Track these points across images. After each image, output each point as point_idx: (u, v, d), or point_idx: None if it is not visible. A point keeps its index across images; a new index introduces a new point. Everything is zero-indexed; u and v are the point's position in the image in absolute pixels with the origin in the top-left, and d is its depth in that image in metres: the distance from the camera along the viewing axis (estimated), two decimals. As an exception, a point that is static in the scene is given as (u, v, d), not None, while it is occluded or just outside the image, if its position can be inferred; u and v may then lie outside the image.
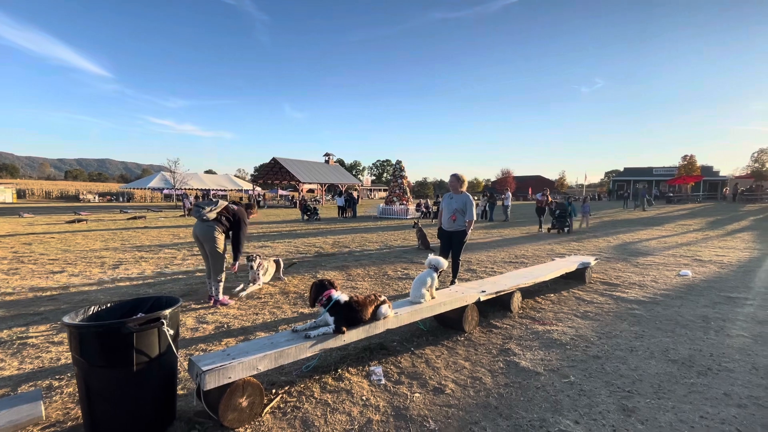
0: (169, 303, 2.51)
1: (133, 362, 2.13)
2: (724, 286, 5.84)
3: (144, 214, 22.47)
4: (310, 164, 43.36)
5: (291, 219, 20.26)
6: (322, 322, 2.91)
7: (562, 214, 12.93)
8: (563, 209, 12.97)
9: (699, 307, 4.81)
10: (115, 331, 2.09)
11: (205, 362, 2.33)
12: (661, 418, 2.47)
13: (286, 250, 9.45)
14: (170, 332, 2.29)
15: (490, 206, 19.58)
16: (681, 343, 3.66)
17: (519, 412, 2.54)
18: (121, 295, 5.34)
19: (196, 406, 2.54)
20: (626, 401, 2.66)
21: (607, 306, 4.84)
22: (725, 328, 4.07)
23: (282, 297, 5.22)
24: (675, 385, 2.88)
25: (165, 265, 7.46)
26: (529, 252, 9.22)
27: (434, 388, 2.85)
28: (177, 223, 17.51)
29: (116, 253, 8.83)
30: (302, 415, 2.51)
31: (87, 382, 2.16)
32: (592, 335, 3.87)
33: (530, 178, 74.99)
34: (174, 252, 9.00)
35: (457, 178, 5.53)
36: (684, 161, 45.60)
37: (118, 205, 37.79)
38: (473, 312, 4.02)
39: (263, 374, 2.88)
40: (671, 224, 15.75)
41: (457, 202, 5.48)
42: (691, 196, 38.56)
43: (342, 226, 15.97)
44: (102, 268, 7.05)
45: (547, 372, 3.09)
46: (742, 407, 2.59)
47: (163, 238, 11.84)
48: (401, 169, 23.36)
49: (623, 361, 3.29)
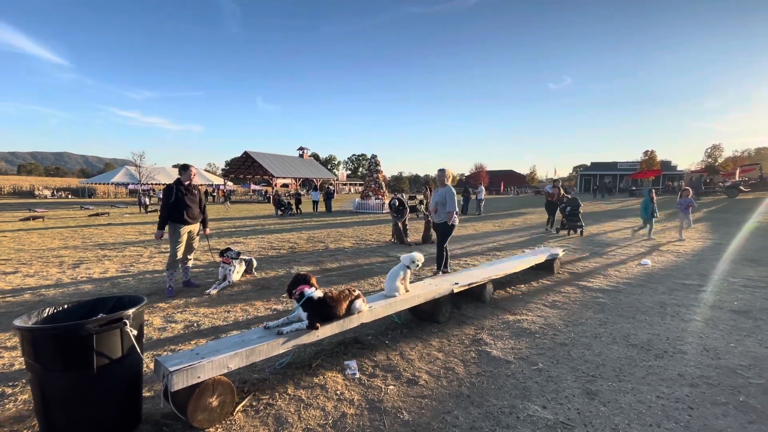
0: (133, 302, 2.40)
1: (93, 365, 2.03)
2: (680, 273, 6.21)
3: (107, 211, 21.40)
4: (283, 158, 42.55)
5: (264, 214, 19.86)
6: (295, 318, 2.87)
7: (574, 212, 10.67)
8: (575, 206, 10.68)
9: (657, 294, 5.09)
10: (72, 333, 1.99)
11: (173, 362, 2.25)
12: (622, 399, 2.60)
13: (259, 246, 9.26)
14: (134, 333, 2.20)
15: (464, 200, 19.93)
16: (641, 329, 3.87)
17: (490, 399, 2.61)
18: (82, 296, 5.07)
19: (164, 408, 2.45)
20: (590, 385, 2.79)
21: (574, 295, 5.04)
22: (680, 313, 4.33)
23: (255, 294, 5.12)
24: (635, 368, 3.04)
25: (130, 263, 7.14)
26: (501, 245, 9.45)
27: (408, 380, 2.89)
28: (143, 219, 16.79)
29: (76, 251, 8.37)
30: (275, 412, 2.48)
31: (43, 388, 2.04)
32: (560, 323, 4.02)
33: (503, 172, 76.83)
34: (140, 249, 8.64)
35: (442, 173, 5.90)
36: (645, 156, 48.03)
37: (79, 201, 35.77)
38: (447, 304, 4.08)
39: (235, 372, 2.82)
40: (634, 216, 16.56)
41: (439, 195, 5.81)
42: (652, 189, 40.65)
43: (317, 221, 15.81)
44: (60, 268, 6.67)
45: (517, 360, 3.19)
46: (694, 386, 2.77)
47: (128, 235, 11.33)
48: (377, 163, 23.33)
49: (588, 347, 3.45)
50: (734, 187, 23.31)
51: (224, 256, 5.41)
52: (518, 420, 2.38)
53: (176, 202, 4.96)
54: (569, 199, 11.12)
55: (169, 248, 5.10)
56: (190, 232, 5.17)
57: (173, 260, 5.04)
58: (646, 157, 48.05)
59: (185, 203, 4.99)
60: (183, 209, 4.98)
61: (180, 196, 4.99)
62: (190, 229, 5.14)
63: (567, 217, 10.82)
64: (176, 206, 4.96)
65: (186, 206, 5.00)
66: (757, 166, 31.34)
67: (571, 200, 10.95)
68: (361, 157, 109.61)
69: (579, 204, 10.70)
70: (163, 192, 5.24)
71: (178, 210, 4.96)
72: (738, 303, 4.65)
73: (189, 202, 5.03)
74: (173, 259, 5.04)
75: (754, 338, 3.60)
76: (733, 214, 16.01)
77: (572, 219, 10.72)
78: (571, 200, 10.95)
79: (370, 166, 23.79)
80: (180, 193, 5.00)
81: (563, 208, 11.02)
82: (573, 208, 10.70)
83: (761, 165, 30.92)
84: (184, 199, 5.00)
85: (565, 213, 10.88)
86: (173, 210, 4.96)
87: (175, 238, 5.00)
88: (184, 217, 4.99)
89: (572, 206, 10.73)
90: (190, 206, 5.05)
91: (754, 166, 32.49)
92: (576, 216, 10.64)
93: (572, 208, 10.71)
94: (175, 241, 5.01)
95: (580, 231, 10.71)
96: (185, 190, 5.06)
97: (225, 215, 19.15)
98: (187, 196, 5.04)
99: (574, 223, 10.74)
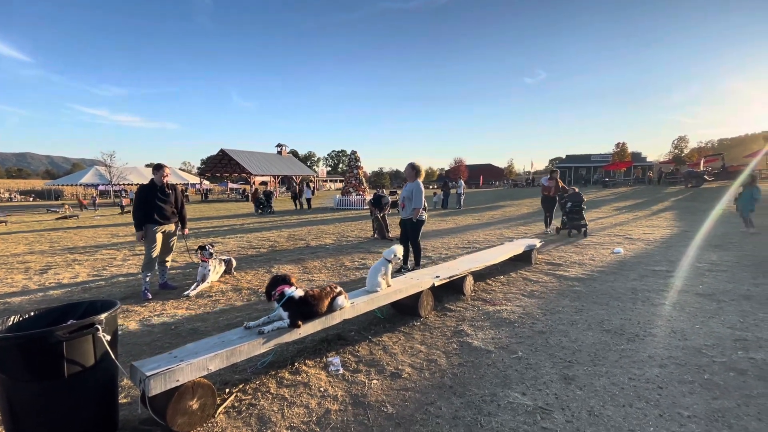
0: (105, 307, 2.32)
1: (64, 373, 1.96)
2: (650, 260, 6.48)
3: (76, 213, 20.52)
4: (261, 156, 41.81)
5: (243, 213, 19.49)
6: (276, 317, 2.84)
7: (575, 208, 9.22)
8: (577, 202, 9.25)
9: (629, 280, 5.30)
10: (40, 341, 1.90)
11: (149, 366, 2.19)
12: (597, 383, 2.71)
13: (238, 245, 9.09)
14: (107, 338, 2.12)
15: (444, 195, 20.12)
16: (614, 314, 4.02)
17: (471, 389, 2.67)
18: (50, 302, 4.86)
19: (142, 413, 2.39)
20: (567, 370, 2.88)
21: (551, 284, 5.19)
22: (651, 298, 4.53)
23: (234, 294, 5.04)
24: (608, 353, 3.16)
25: (103, 267, 6.88)
26: (481, 237, 9.61)
27: (391, 374, 2.91)
28: (115, 221, 16.19)
29: (44, 256, 8.00)
30: (258, 412, 2.46)
31: (10, 399, 1.95)
32: (538, 312, 4.14)
33: (481, 166, 77.82)
34: (113, 252, 8.33)
35: (412, 167, 5.63)
36: (617, 148, 49.66)
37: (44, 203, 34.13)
38: (428, 297, 4.13)
39: (215, 374, 2.77)
40: (606, 207, 17.15)
41: (406, 190, 5.63)
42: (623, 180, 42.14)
43: (297, 219, 15.64)
44: (27, 274, 6.37)
45: (497, 349, 3.27)
46: (663, 367, 2.90)
47: (99, 238, 10.90)
48: (357, 159, 23.23)
49: (565, 334, 3.56)
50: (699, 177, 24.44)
51: (201, 253, 5.29)
52: (499, 408, 2.44)
53: (147, 201, 4.84)
54: (570, 193, 9.54)
55: (144, 249, 4.95)
56: (165, 233, 5.03)
57: (148, 262, 4.90)
58: (618, 149, 49.70)
59: (155, 203, 4.87)
60: (154, 209, 4.86)
61: (151, 196, 4.87)
62: (164, 230, 5.01)
63: (568, 214, 9.34)
64: (148, 206, 4.84)
65: (157, 206, 4.87)
66: (720, 156, 32.94)
67: (573, 195, 9.40)
68: (341, 153, 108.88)
69: (582, 199, 9.26)
70: (135, 193, 5.15)
71: (150, 210, 4.85)
72: (703, 287, 4.90)
73: (160, 202, 4.90)
74: (148, 261, 4.90)
75: (718, 319, 3.81)
76: (698, 203, 16.79)
77: (574, 217, 9.23)
78: (573, 195, 9.40)
79: (350, 162, 23.68)
80: (151, 193, 4.88)
81: (563, 203, 9.48)
82: (575, 204, 9.23)
83: (723, 155, 32.53)
84: (155, 200, 4.87)
85: (565, 210, 9.40)
86: (145, 210, 4.83)
87: (149, 238, 4.87)
88: (155, 217, 4.87)
89: (574, 202, 9.26)
90: (162, 206, 4.92)
91: (717, 157, 34.15)
92: (579, 213, 9.19)
93: (574, 203, 9.24)
94: (149, 242, 4.87)
95: (583, 231, 9.22)
96: (157, 189, 4.94)
97: (202, 215, 18.68)
98: (159, 195, 4.91)
99: (576, 221, 9.20)
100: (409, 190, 5.55)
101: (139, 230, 4.86)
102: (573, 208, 9.26)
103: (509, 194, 29.39)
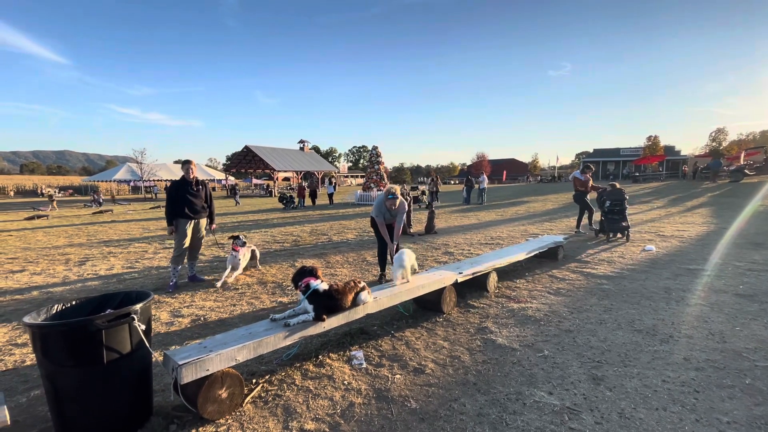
0: (140, 297, 2.42)
1: (103, 360, 2.06)
2: (685, 259, 6.19)
3: (111, 208, 21.49)
4: (284, 152, 42.43)
5: (267, 208, 19.88)
6: (301, 309, 2.89)
7: (615, 208, 7.74)
8: (617, 200, 7.76)
9: (662, 279, 5.08)
10: (81, 329, 2.01)
11: (181, 356, 2.28)
12: (628, 384, 2.62)
13: (263, 239, 9.29)
14: (142, 327, 2.22)
15: (467, 190, 19.85)
16: (645, 314, 3.87)
17: (496, 387, 2.63)
18: (89, 292, 5.12)
19: (174, 400, 2.49)
20: (596, 371, 2.80)
21: (578, 282, 5.04)
22: (685, 298, 4.33)
23: (260, 287, 5.15)
24: (640, 353, 3.05)
25: (136, 259, 7.19)
26: (504, 233, 9.44)
27: (414, 369, 2.91)
28: (146, 216, 16.86)
29: (82, 249, 8.43)
30: (284, 402, 2.51)
31: (54, 384, 2.07)
32: (565, 310, 4.03)
33: (505, 161, 76.34)
34: (145, 246, 8.68)
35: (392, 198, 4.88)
36: (649, 141, 47.57)
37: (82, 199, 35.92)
38: (451, 293, 4.09)
39: (243, 365, 2.85)
40: (637, 202, 16.47)
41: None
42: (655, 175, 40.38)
43: (319, 214, 15.82)
44: (67, 266, 6.73)
45: (522, 347, 3.21)
46: (700, 370, 2.77)
47: (132, 231, 11.38)
48: (378, 155, 23.23)
49: (593, 333, 3.45)
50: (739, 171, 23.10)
51: (235, 243, 5.47)
52: (524, 406, 2.40)
53: (179, 197, 5.03)
54: (609, 190, 8.07)
55: (174, 243, 5.14)
56: (195, 227, 5.20)
57: (178, 255, 5.09)
58: (649, 142, 47.62)
59: (187, 198, 5.05)
60: (185, 204, 5.04)
61: (182, 191, 5.05)
62: (194, 224, 5.17)
63: (606, 215, 7.82)
64: (179, 201, 5.03)
65: (188, 201, 5.05)
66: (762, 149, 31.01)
67: (612, 191, 7.95)
68: (362, 148, 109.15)
69: (624, 197, 7.78)
70: (166, 189, 5.37)
71: (181, 205, 5.03)
72: (743, 287, 4.64)
73: (191, 197, 5.08)
74: (178, 254, 5.09)
75: (760, 321, 3.60)
76: (737, 198, 15.88)
77: (614, 218, 7.70)
78: (612, 191, 7.95)
79: (371, 157, 23.70)
80: (182, 189, 5.06)
81: (602, 202, 8.01)
82: (614, 202, 7.75)
83: (766, 148, 30.60)
84: (186, 194, 5.06)
85: (603, 209, 7.91)
86: (176, 205, 5.02)
87: (180, 232, 5.05)
88: (186, 212, 5.04)
89: (613, 200, 7.78)
90: (193, 201, 5.10)
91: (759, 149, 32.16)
92: (620, 213, 7.69)
93: (613, 202, 7.76)
94: (179, 236, 5.06)
95: (626, 234, 7.69)
96: (188, 185, 5.12)
97: (228, 210, 19.18)
98: (189, 190, 5.09)
99: (617, 223, 7.67)
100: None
101: (170, 224, 5.05)
102: (612, 207, 7.76)
103: (533, 189, 28.69)
